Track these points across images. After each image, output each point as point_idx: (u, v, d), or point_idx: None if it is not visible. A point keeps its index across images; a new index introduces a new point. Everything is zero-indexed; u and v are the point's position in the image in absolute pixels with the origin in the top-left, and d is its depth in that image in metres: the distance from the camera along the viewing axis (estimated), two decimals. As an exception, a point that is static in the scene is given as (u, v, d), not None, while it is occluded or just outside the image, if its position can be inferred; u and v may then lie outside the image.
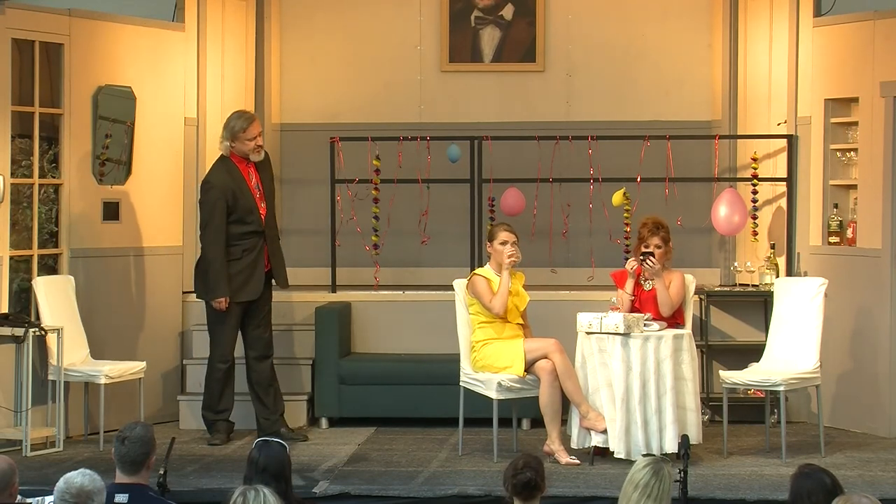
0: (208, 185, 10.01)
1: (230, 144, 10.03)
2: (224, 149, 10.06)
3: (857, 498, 5.09)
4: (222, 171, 10.03)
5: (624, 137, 11.40)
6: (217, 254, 9.90)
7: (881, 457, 9.41)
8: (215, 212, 9.90)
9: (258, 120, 10.20)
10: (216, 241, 9.90)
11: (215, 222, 9.90)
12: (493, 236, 9.56)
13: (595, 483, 8.57)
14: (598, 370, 9.14)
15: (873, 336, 10.29)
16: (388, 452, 9.63)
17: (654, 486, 5.51)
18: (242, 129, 9.99)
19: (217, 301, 9.93)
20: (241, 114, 10.15)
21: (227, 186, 9.94)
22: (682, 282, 9.51)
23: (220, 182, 9.97)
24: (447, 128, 11.79)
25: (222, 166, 10.05)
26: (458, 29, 12.26)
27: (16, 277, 10.09)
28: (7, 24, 9.88)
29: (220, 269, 9.89)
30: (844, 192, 10.72)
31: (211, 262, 9.93)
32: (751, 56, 11.65)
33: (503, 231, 9.54)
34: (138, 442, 6.01)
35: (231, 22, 11.82)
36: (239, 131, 9.99)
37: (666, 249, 9.51)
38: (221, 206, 9.90)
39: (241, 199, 9.96)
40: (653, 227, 9.49)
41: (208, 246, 9.96)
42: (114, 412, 9.97)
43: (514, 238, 9.51)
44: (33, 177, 10.16)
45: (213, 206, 9.92)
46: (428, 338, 10.87)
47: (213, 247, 9.92)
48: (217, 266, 9.90)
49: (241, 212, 9.96)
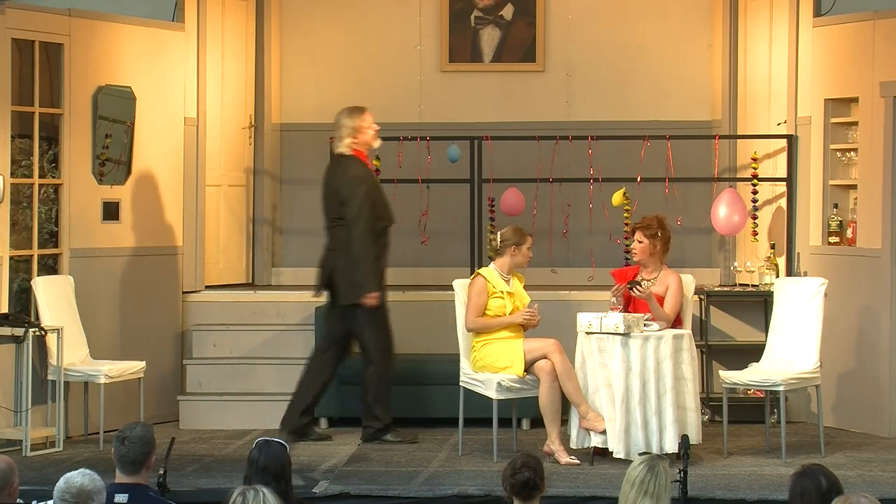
0: (358, 180, 9.87)
1: (352, 141, 9.98)
2: (345, 147, 9.96)
3: (857, 498, 5.09)
4: (361, 166, 9.96)
5: (624, 137, 11.40)
6: (368, 249, 9.82)
7: (881, 457, 9.41)
8: (365, 206, 9.83)
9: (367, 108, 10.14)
10: (366, 238, 9.82)
11: (364, 217, 9.82)
12: (522, 241, 9.52)
13: (595, 483, 8.57)
14: (598, 370, 9.14)
15: (873, 336, 10.29)
16: (388, 452, 9.63)
17: (649, 481, 5.50)
18: (362, 119, 9.96)
19: (371, 296, 9.81)
20: (351, 109, 10.08)
21: (371, 181, 9.94)
22: (678, 287, 9.48)
23: (366, 177, 9.93)
24: (447, 128, 11.79)
25: (356, 162, 9.96)
26: (458, 29, 12.26)
27: (16, 277, 10.09)
28: (7, 24, 9.88)
29: (372, 264, 9.82)
30: (844, 192, 10.72)
31: (364, 258, 9.81)
32: (751, 56, 11.65)
33: (530, 236, 9.57)
34: (138, 442, 6.01)
35: (231, 22, 11.83)
36: (360, 123, 9.95)
37: (652, 244, 9.50)
38: (369, 200, 9.87)
39: (378, 194, 9.95)
40: (643, 224, 9.54)
41: (359, 242, 9.82)
42: (113, 412, 9.97)
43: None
44: (33, 177, 10.16)
45: (363, 200, 9.83)
46: (428, 338, 10.87)
47: (364, 243, 9.82)
48: (369, 261, 9.81)
49: (379, 208, 9.93)
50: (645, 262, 9.56)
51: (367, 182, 9.89)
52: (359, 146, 9.99)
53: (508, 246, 9.50)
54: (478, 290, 9.45)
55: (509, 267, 9.52)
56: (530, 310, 9.42)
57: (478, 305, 9.42)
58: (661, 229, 9.53)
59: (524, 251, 9.52)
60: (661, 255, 9.58)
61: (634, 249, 9.57)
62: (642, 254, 9.53)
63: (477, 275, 9.56)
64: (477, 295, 9.43)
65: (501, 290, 9.44)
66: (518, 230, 9.61)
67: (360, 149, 10.00)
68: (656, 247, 9.52)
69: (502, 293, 9.44)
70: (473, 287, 9.49)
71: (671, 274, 9.56)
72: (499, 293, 9.44)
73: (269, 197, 12.23)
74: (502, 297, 9.44)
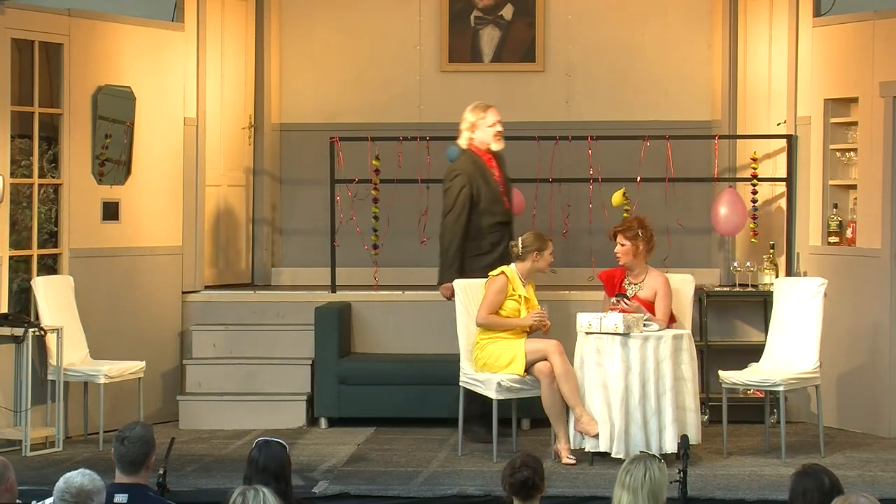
0: (455, 172, 9.96)
1: (471, 135, 10.00)
2: (463, 140, 10.03)
3: (856, 497, 5.09)
4: (467, 160, 10.00)
5: (624, 137, 11.40)
6: (453, 240, 9.85)
7: (881, 457, 9.41)
8: (459, 198, 9.86)
9: (494, 108, 10.10)
10: (455, 229, 9.85)
11: (458, 209, 9.85)
12: (544, 246, 9.51)
13: (595, 483, 8.57)
14: (594, 371, 9.13)
15: (873, 336, 10.29)
16: (387, 452, 9.63)
17: (626, 475, 5.51)
18: (481, 117, 9.98)
19: (444, 287, 9.84)
20: (477, 104, 10.11)
21: (472, 174, 9.92)
22: (666, 290, 9.47)
23: (466, 170, 9.93)
24: (447, 128, 11.75)
25: (466, 157, 10.02)
26: (458, 29, 12.26)
27: (15, 277, 10.09)
28: (7, 24, 9.88)
29: (454, 257, 9.84)
30: (844, 192, 10.72)
31: (446, 248, 9.88)
32: (750, 56, 11.65)
33: (551, 241, 9.58)
34: (138, 442, 6.01)
35: (231, 22, 11.83)
36: (478, 120, 9.98)
37: (634, 245, 9.49)
38: (466, 193, 9.87)
39: (487, 189, 9.94)
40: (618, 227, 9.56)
41: (446, 231, 9.91)
42: (113, 412, 9.97)
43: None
44: (33, 177, 10.16)
45: (457, 192, 9.87)
46: (428, 338, 10.87)
47: (451, 233, 9.87)
48: (451, 252, 9.85)
49: (486, 202, 9.92)
50: (630, 264, 9.54)
51: (466, 176, 9.90)
52: (476, 142, 10.01)
53: (531, 252, 9.49)
54: (498, 288, 9.43)
55: (529, 272, 9.52)
56: (541, 313, 9.42)
57: (494, 303, 9.40)
58: (642, 229, 9.52)
59: (546, 256, 9.52)
60: (646, 256, 9.57)
61: (618, 253, 9.55)
62: (626, 256, 9.51)
63: (501, 272, 9.51)
64: (496, 293, 9.42)
65: (519, 294, 9.44)
66: (540, 236, 9.61)
67: (479, 145, 10.02)
68: (639, 248, 9.51)
69: (519, 297, 9.44)
70: (494, 283, 9.46)
71: (658, 276, 9.54)
72: (516, 296, 9.44)
73: (268, 197, 12.23)
74: (518, 300, 9.44)
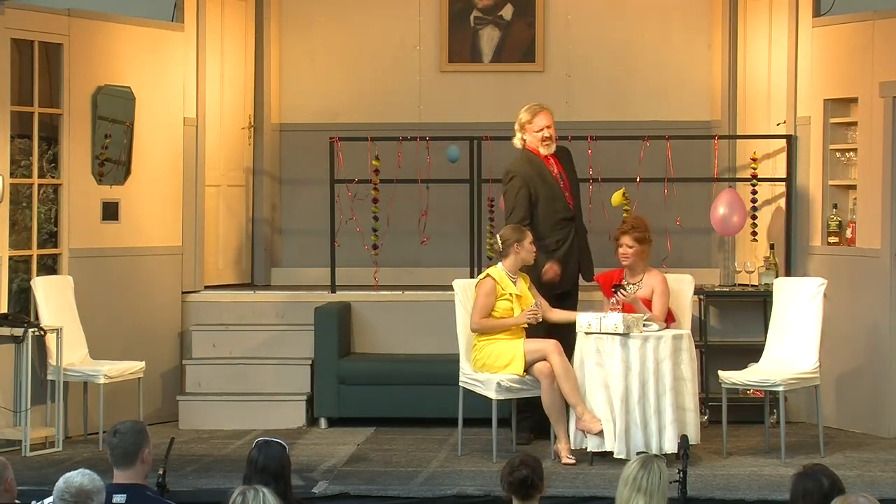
0: (510, 175, 9.97)
1: (521, 136, 10.03)
2: (516, 140, 10.06)
3: (856, 497, 5.09)
4: (522, 160, 10.01)
5: (623, 138, 11.40)
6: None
7: (881, 457, 9.41)
8: (518, 199, 9.88)
9: (546, 111, 10.06)
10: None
11: (519, 211, 9.85)
12: (522, 237, 9.49)
13: (594, 483, 8.57)
14: (595, 371, 9.13)
15: (873, 336, 10.29)
16: (387, 452, 9.63)
17: (642, 478, 5.50)
18: (528, 120, 10.00)
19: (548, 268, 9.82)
20: (529, 107, 10.10)
21: (528, 174, 9.91)
22: (664, 288, 9.48)
23: (521, 171, 9.94)
24: (446, 128, 11.79)
25: (522, 157, 10.04)
26: (458, 29, 12.26)
27: (15, 277, 10.09)
28: (6, 24, 9.88)
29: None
30: (844, 193, 10.72)
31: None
32: (750, 56, 11.65)
33: (529, 231, 9.56)
34: (129, 432, 6.01)
35: (230, 22, 11.83)
36: (525, 123, 10.00)
37: (640, 248, 9.50)
38: (524, 193, 9.87)
39: (545, 188, 9.93)
40: (626, 228, 9.53)
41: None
42: (113, 412, 9.95)
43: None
44: (32, 177, 10.16)
45: (516, 193, 9.89)
46: (427, 338, 10.87)
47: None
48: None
49: (546, 200, 9.92)
50: (632, 265, 9.54)
51: (521, 177, 9.90)
52: (529, 144, 10.03)
53: (510, 245, 9.48)
54: (486, 291, 9.42)
55: (515, 265, 9.51)
56: (532, 310, 9.41)
57: (485, 307, 9.40)
58: (649, 231, 9.55)
59: (527, 246, 9.50)
60: (646, 257, 9.59)
61: (625, 255, 9.52)
62: (634, 257, 9.51)
63: (486, 276, 9.52)
64: (485, 296, 9.41)
65: (510, 293, 9.42)
66: (516, 228, 9.60)
67: (531, 146, 10.04)
68: (646, 251, 9.54)
69: (510, 296, 9.42)
70: (482, 287, 9.45)
71: (656, 275, 9.56)
72: (507, 295, 9.42)
73: (268, 197, 12.23)
74: (510, 299, 9.42)
